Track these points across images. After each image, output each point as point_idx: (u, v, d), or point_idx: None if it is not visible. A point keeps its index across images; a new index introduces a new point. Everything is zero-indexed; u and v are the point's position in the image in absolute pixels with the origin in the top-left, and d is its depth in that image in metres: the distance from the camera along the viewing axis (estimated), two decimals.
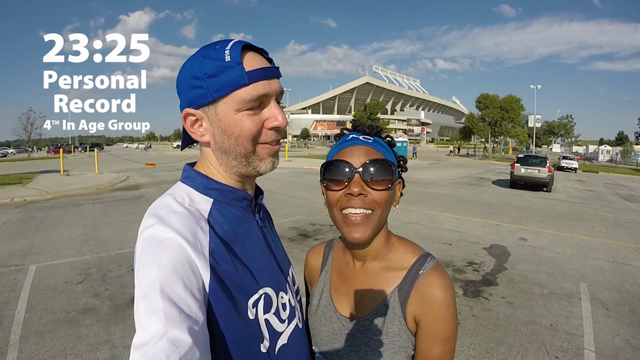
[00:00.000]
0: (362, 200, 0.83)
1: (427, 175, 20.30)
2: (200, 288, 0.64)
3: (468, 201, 11.99)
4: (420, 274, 0.86)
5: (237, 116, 0.72)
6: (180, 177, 0.82)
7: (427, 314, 0.83)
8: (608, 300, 4.52)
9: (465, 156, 47.16)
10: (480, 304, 4.34)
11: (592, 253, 6.57)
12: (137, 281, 0.62)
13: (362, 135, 0.90)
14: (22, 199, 11.41)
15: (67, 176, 17.71)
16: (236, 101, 0.72)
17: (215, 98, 0.72)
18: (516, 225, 8.65)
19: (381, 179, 0.84)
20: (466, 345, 3.44)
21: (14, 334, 3.50)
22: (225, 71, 0.71)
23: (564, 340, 3.58)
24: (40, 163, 30.14)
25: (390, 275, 0.90)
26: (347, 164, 0.84)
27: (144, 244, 0.65)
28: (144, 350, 0.54)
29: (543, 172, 15.15)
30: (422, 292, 0.84)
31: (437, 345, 0.83)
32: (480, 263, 5.82)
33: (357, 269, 0.94)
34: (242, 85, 0.71)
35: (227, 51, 0.72)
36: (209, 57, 0.72)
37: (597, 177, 26.19)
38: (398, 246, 0.94)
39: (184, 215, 0.69)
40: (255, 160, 0.77)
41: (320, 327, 0.96)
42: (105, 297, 4.34)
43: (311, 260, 1.09)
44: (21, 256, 5.85)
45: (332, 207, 0.87)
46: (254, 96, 0.72)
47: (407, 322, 0.85)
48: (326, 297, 0.98)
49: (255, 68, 0.72)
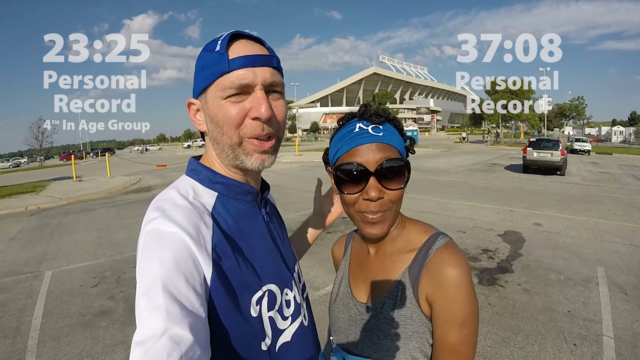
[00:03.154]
0: (380, 204, 0.81)
1: (438, 164, 20.14)
2: (202, 283, 0.63)
3: (481, 188, 11.86)
4: (431, 252, 0.83)
5: (221, 103, 0.72)
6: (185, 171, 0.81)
7: (439, 294, 0.79)
8: (626, 285, 4.43)
9: (476, 143, 46.65)
10: (496, 292, 4.28)
11: (608, 236, 6.44)
12: (138, 276, 0.61)
13: (371, 126, 0.83)
14: (36, 207, 11.60)
15: (80, 182, 17.95)
16: (219, 88, 0.72)
17: (204, 87, 0.74)
18: (530, 210, 8.52)
19: (397, 178, 0.82)
20: (482, 335, 3.39)
21: (31, 340, 3.56)
22: (214, 60, 0.72)
23: (582, 327, 3.51)
24: (53, 170, 30.60)
25: (402, 257, 0.87)
26: (361, 167, 0.80)
27: (146, 238, 0.64)
28: (145, 347, 0.53)
29: (556, 156, 14.93)
30: (432, 270, 0.80)
31: (452, 330, 0.77)
32: (495, 250, 5.75)
33: (371, 255, 0.94)
34: (223, 73, 0.71)
35: (219, 41, 0.73)
36: (206, 49, 0.75)
37: (610, 158, 25.72)
38: (410, 227, 0.92)
39: (187, 209, 0.68)
40: (242, 154, 0.74)
41: (338, 315, 0.96)
42: (120, 299, 4.38)
43: (335, 252, 1.11)
44: (37, 263, 5.94)
45: (348, 206, 0.86)
46: (234, 83, 0.71)
47: (420, 304, 0.81)
48: (345, 285, 0.98)
49: (239, 55, 0.71)
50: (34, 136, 45.38)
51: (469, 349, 0.78)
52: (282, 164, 22.18)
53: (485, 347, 3.22)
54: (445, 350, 0.79)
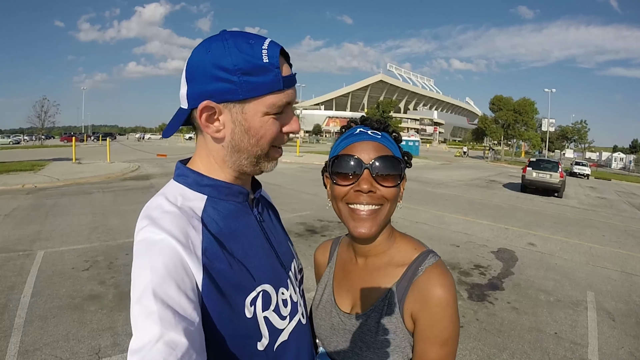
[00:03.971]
0: (371, 197, 0.82)
1: (437, 176, 20.18)
2: (194, 288, 0.64)
3: (478, 203, 11.89)
4: (420, 270, 0.83)
5: (264, 119, 0.72)
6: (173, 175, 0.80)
7: (424, 312, 0.79)
8: (615, 311, 4.45)
9: (477, 158, 46.71)
10: (484, 308, 4.29)
11: (600, 262, 6.47)
12: (132, 285, 0.62)
13: (370, 130, 0.88)
14: (33, 186, 11.57)
15: (79, 164, 17.91)
16: (267, 105, 0.71)
17: (246, 97, 0.69)
18: (525, 229, 8.55)
19: (390, 175, 0.83)
20: (468, 350, 3.40)
21: (18, 318, 3.55)
22: (262, 72, 0.69)
23: (567, 350, 3.52)
24: (53, 151, 30.54)
25: (391, 271, 0.87)
26: (357, 160, 0.82)
27: (138, 247, 0.65)
28: (141, 354, 0.53)
29: (555, 177, 14.94)
30: (420, 289, 0.81)
31: (433, 347, 0.78)
32: (487, 266, 5.77)
33: (359, 265, 0.94)
34: (278, 90, 0.71)
35: (264, 50, 0.69)
36: (243, 51, 0.68)
37: (609, 184, 25.80)
38: (400, 242, 0.92)
39: (175, 215, 0.68)
40: (264, 162, 0.77)
41: (320, 322, 0.96)
42: (110, 284, 4.37)
43: (318, 256, 1.10)
44: (30, 241, 5.93)
45: (337, 200, 0.87)
46: (283, 102, 0.72)
47: (405, 320, 0.82)
48: (328, 292, 0.97)
49: (288, 74, 0.73)
50: (37, 115, 45.38)
51: None
52: (281, 163, 22.15)
53: None
54: None
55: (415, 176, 18.67)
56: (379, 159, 0.82)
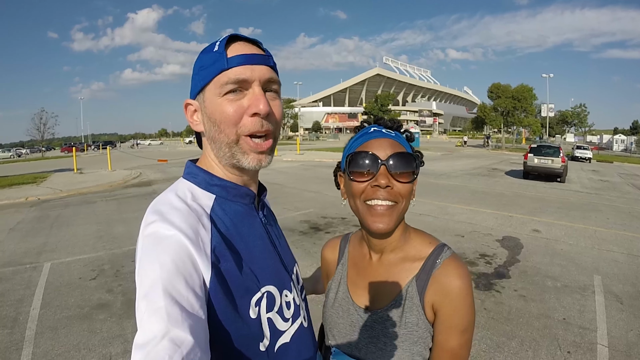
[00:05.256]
0: (388, 192, 0.84)
1: (439, 167, 20.13)
2: (202, 286, 0.64)
3: (480, 192, 11.87)
4: (438, 263, 0.87)
5: (219, 100, 0.74)
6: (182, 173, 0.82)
7: (445, 303, 0.83)
8: (622, 294, 4.45)
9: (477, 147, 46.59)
10: (492, 297, 4.30)
11: (606, 245, 6.46)
12: (138, 279, 0.62)
13: (384, 129, 0.91)
14: (36, 198, 11.60)
15: (81, 174, 17.94)
16: (217, 85, 0.73)
17: (202, 85, 0.75)
18: (529, 216, 8.54)
19: (406, 171, 0.85)
20: (477, 339, 3.41)
21: (29, 330, 3.58)
22: (213, 60, 0.74)
23: (576, 335, 3.53)
24: (54, 162, 30.60)
25: (408, 266, 0.90)
26: (373, 156, 0.85)
27: (145, 242, 0.65)
28: (146, 350, 0.53)
29: (557, 163, 14.89)
30: (440, 281, 0.85)
31: (454, 335, 0.83)
32: (492, 255, 5.77)
33: (374, 262, 0.95)
34: (222, 70, 0.73)
35: (217, 43, 0.75)
36: (205, 51, 0.77)
37: (611, 167, 25.69)
38: (414, 237, 0.95)
39: (185, 211, 0.69)
40: (238, 153, 0.76)
41: (337, 320, 0.97)
42: (118, 292, 4.39)
43: (327, 254, 1.10)
44: (36, 254, 5.95)
45: (355, 198, 0.88)
46: (232, 79, 0.72)
47: (426, 312, 0.85)
48: (343, 290, 0.99)
49: (237, 54, 0.74)
50: (36, 127, 45.45)
51: (466, 352, 0.85)
52: (282, 162, 22.17)
53: (480, 352, 3.24)
54: (447, 354, 0.84)
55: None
56: (395, 156, 0.85)
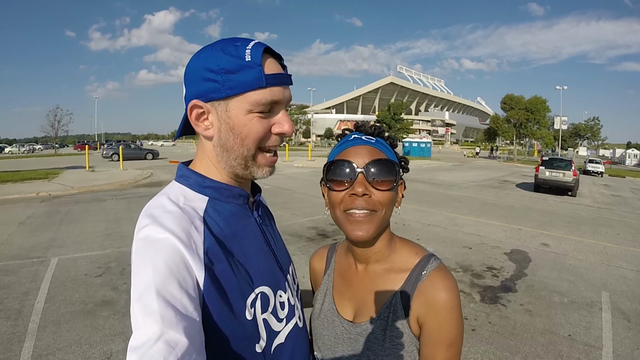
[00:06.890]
0: (366, 201, 0.81)
1: (450, 177, 20.01)
2: (195, 288, 0.64)
3: (491, 204, 11.77)
4: (424, 274, 0.83)
5: (248, 117, 0.72)
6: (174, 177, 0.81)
7: (431, 316, 0.80)
8: (630, 312, 4.36)
9: (489, 158, 46.24)
10: (497, 311, 4.24)
11: (615, 261, 6.35)
12: (132, 283, 0.62)
13: (364, 136, 0.88)
14: (47, 194, 11.76)
15: (92, 172, 18.16)
16: (250, 102, 0.71)
17: (229, 95, 0.71)
18: (539, 230, 8.44)
19: (385, 179, 0.82)
20: (480, 353, 3.36)
21: (32, 323, 3.61)
22: (243, 70, 0.70)
23: (581, 352, 3.46)
24: (67, 159, 31.03)
25: (393, 277, 0.87)
26: (350, 164, 0.82)
27: (138, 245, 0.65)
28: (141, 352, 0.53)
29: (568, 176, 14.72)
30: (425, 293, 0.81)
31: (440, 349, 0.79)
32: (500, 268, 5.70)
33: (359, 272, 0.92)
34: (258, 87, 0.71)
35: (247, 50, 0.71)
36: (228, 53, 0.71)
37: (623, 181, 25.28)
38: (401, 248, 0.92)
39: (177, 214, 0.69)
40: (253, 167, 0.77)
41: (323, 332, 0.94)
42: (123, 290, 4.42)
43: (315, 263, 1.08)
44: (44, 248, 6.03)
45: (334, 207, 0.86)
46: (268, 100, 0.72)
47: (411, 325, 0.82)
48: (329, 301, 0.96)
49: (274, 72, 0.72)
50: (50, 124, 46.13)
51: None
52: (293, 168, 22.22)
53: None
54: None
55: (428, 178, 18.57)
56: (373, 163, 0.82)
